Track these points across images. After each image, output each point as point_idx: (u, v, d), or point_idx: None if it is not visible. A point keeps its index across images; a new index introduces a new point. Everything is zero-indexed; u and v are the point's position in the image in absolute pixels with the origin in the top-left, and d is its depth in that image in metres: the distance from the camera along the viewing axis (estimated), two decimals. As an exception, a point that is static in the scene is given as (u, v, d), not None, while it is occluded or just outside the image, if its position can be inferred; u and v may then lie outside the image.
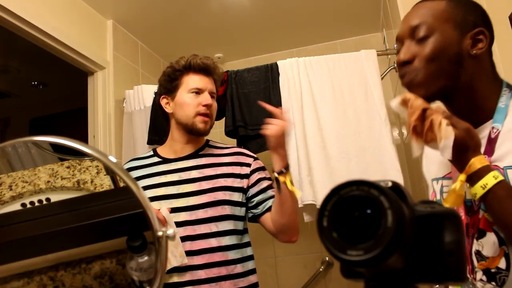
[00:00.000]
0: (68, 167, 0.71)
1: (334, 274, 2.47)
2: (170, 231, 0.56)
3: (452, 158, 0.69)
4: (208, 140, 1.37)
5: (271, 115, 2.03)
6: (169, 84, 1.31)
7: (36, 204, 0.67)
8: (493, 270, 0.73)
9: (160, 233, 0.55)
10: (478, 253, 0.74)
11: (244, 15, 2.44)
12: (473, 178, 0.68)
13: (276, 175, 1.16)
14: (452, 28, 0.79)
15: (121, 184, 0.66)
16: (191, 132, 1.27)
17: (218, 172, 1.25)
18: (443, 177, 0.86)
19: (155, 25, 2.46)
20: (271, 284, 2.57)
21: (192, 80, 1.29)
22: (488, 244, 0.73)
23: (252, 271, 1.26)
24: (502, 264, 0.72)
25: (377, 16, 2.54)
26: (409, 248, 0.35)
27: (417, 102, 0.71)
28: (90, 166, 0.71)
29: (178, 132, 1.31)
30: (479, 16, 0.82)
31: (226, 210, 1.21)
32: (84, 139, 2.17)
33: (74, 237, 0.60)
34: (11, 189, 0.67)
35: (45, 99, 3.36)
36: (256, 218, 1.28)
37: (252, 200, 1.26)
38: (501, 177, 0.66)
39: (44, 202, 0.68)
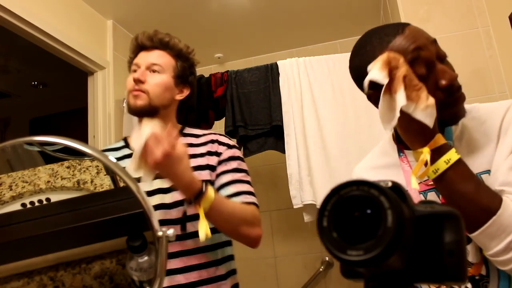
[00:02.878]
0: (68, 167, 0.71)
1: (334, 274, 2.47)
2: (170, 231, 0.56)
3: (416, 131, 0.68)
4: (182, 128, 1.22)
5: (271, 115, 2.04)
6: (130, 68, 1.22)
7: (36, 204, 0.67)
8: (477, 278, 0.73)
9: (160, 233, 0.55)
10: None
11: (244, 15, 2.44)
12: (436, 153, 0.67)
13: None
14: None
15: (121, 184, 0.66)
16: (132, 113, 1.14)
17: (192, 165, 1.05)
18: None
19: (155, 25, 2.44)
20: (271, 284, 2.57)
21: (135, 59, 1.16)
22: (473, 250, 0.73)
23: (233, 272, 1.15)
24: (484, 270, 0.72)
25: (377, 16, 2.54)
26: (409, 248, 0.35)
27: (402, 60, 0.68)
28: (90, 166, 0.71)
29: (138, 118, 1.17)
30: None
31: None
32: (84, 139, 2.16)
33: (74, 237, 0.60)
34: (11, 189, 0.67)
35: (45, 99, 3.36)
36: None
37: None
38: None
39: (44, 202, 0.68)
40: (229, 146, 1.16)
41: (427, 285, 0.75)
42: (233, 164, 1.13)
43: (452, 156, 0.66)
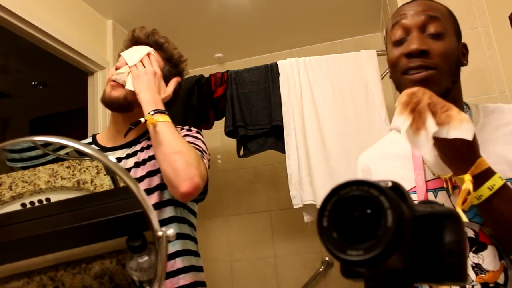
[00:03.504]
0: (68, 167, 0.71)
1: (334, 274, 2.47)
2: (170, 231, 0.56)
3: (455, 156, 0.66)
4: None
5: (271, 115, 2.04)
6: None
7: (36, 204, 0.67)
8: (491, 285, 0.71)
9: (160, 233, 0.55)
10: (477, 266, 0.72)
11: (244, 15, 2.44)
12: (479, 179, 0.64)
13: (142, 120, 0.99)
14: (454, 33, 0.80)
15: (121, 184, 0.66)
16: (104, 104, 1.10)
17: (150, 154, 1.07)
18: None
19: (155, 25, 2.44)
20: (271, 284, 2.57)
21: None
22: (489, 257, 0.71)
23: (197, 268, 1.07)
24: (501, 279, 0.70)
25: (377, 16, 2.54)
26: (409, 248, 0.35)
27: (421, 91, 0.69)
28: (90, 166, 0.71)
29: (111, 113, 1.16)
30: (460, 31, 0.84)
31: (165, 195, 1.03)
32: (84, 139, 2.16)
33: (74, 237, 0.60)
34: (11, 189, 0.67)
35: (45, 99, 3.36)
36: None
37: None
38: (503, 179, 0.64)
39: (44, 202, 0.68)
40: (188, 130, 1.15)
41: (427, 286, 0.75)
42: (187, 139, 1.07)
43: (496, 181, 0.63)
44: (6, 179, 0.69)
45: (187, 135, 1.13)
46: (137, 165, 1.06)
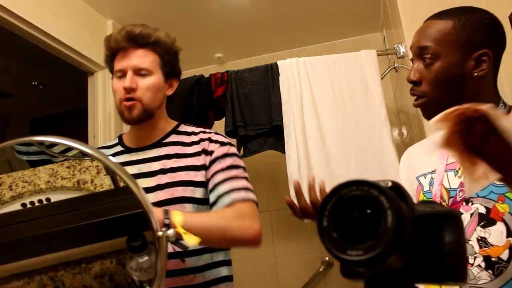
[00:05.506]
0: (68, 167, 0.71)
1: (334, 274, 2.47)
2: (170, 231, 0.56)
3: None
4: (178, 125, 1.18)
5: (271, 115, 2.04)
6: (109, 67, 1.16)
7: (36, 204, 0.67)
8: (493, 259, 0.74)
9: (160, 233, 0.55)
10: (482, 239, 0.76)
11: (244, 15, 2.44)
12: None
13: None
14: (456, 50, 0.82)
15: (121, 184, 0.66)
16: (128, 123, 1.10)
17: (180, 164, 1.05)
18: (431, 172, 0.90)
19: (155, 25, 2.42)
20: (271, 284, 2.57)
21: (117, 62, 1.10)
22: (496, 233, 0.74)
23: (217, 280, 1.06)
24: (504, 255, 0.73)
25: (377, 16, 2.54)
26: (409, 248, 0.35)
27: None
28: (90, 166, 0.71)
29: None
30: (486, 35, 0.83)
31: (187, 209, 1.01)
32: (84, 139, 2.16)
33: (74, 237, 0.60)
34: (11, 189, 0.67)
35: (45, 99, 3.36)
36: None
37: (210, 200, 1.05)
38: None
39: (44, 202, 0.68)
40: (222, 144, 1.09)
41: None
42: (228, 162, 1.06)
43: None
44: (6, 179, 0.69)
45: (226, 155, 1.07)
46: (164, 171, 1.05)
